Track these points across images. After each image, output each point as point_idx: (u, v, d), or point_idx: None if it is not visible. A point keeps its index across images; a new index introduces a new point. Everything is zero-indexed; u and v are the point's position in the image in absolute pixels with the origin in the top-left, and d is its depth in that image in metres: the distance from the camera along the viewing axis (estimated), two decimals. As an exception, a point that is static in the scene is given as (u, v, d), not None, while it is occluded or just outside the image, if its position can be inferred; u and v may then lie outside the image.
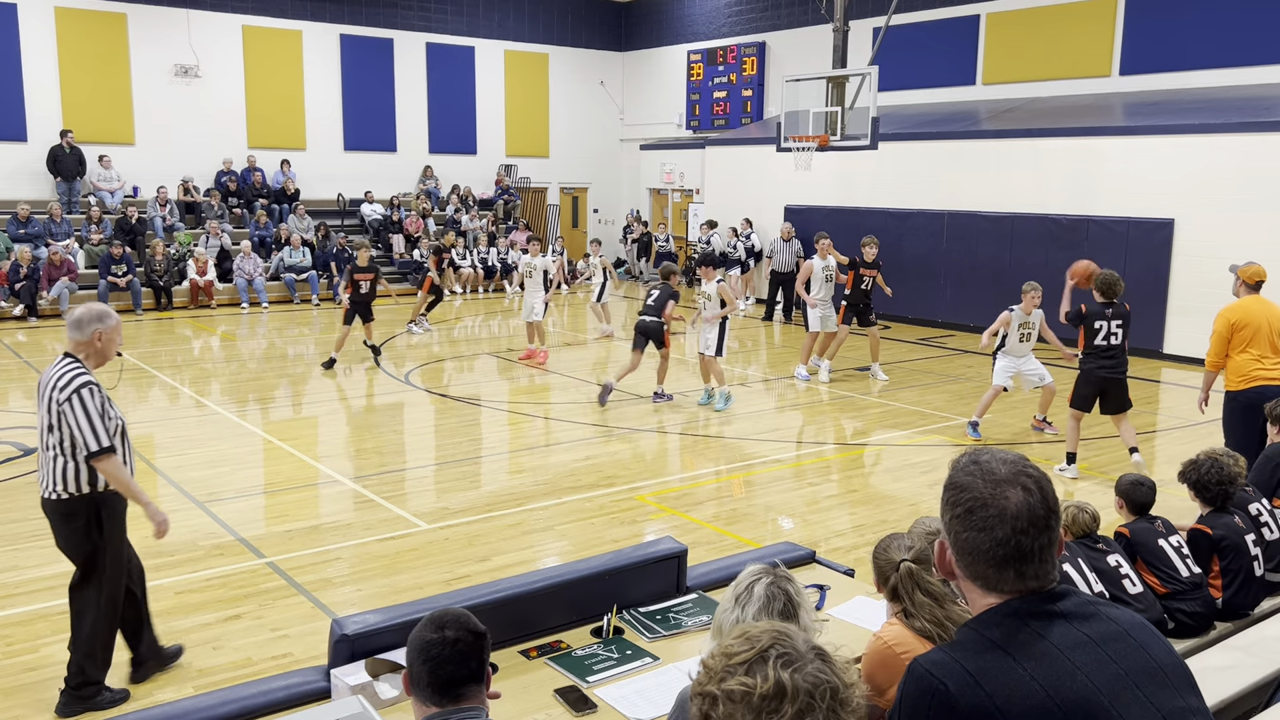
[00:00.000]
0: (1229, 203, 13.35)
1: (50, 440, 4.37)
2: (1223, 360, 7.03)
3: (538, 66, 24.71)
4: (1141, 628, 1.78)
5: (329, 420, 10.29)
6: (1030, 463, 1.81)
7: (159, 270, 17.85)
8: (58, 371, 4.37)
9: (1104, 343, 8.17)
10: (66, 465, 4.38)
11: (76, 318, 4.45)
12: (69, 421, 4.31)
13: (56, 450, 4.37)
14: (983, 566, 1.75)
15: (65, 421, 4.32)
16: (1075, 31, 16.53)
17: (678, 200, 24.25)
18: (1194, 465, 4.76)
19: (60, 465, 4.37)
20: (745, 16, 22.63)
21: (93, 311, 4.48)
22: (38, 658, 5.05)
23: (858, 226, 17.88)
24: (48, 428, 4.37)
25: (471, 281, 21.14)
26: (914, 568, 2.76)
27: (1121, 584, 4.20)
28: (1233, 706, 3.46)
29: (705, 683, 1.57)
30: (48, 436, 4.38)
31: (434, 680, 2.28)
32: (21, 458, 8.64)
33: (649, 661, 3.47)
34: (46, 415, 4.36)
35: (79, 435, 4.31)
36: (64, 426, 4.33)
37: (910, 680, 1.73)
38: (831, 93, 14.87)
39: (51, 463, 4.39)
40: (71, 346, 4.45)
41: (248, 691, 3.31)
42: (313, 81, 21.64)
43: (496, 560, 6.43)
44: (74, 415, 4.30)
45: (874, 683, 2.67)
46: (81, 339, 4.43)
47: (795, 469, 8.69)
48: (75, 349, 4.44)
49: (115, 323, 4.54)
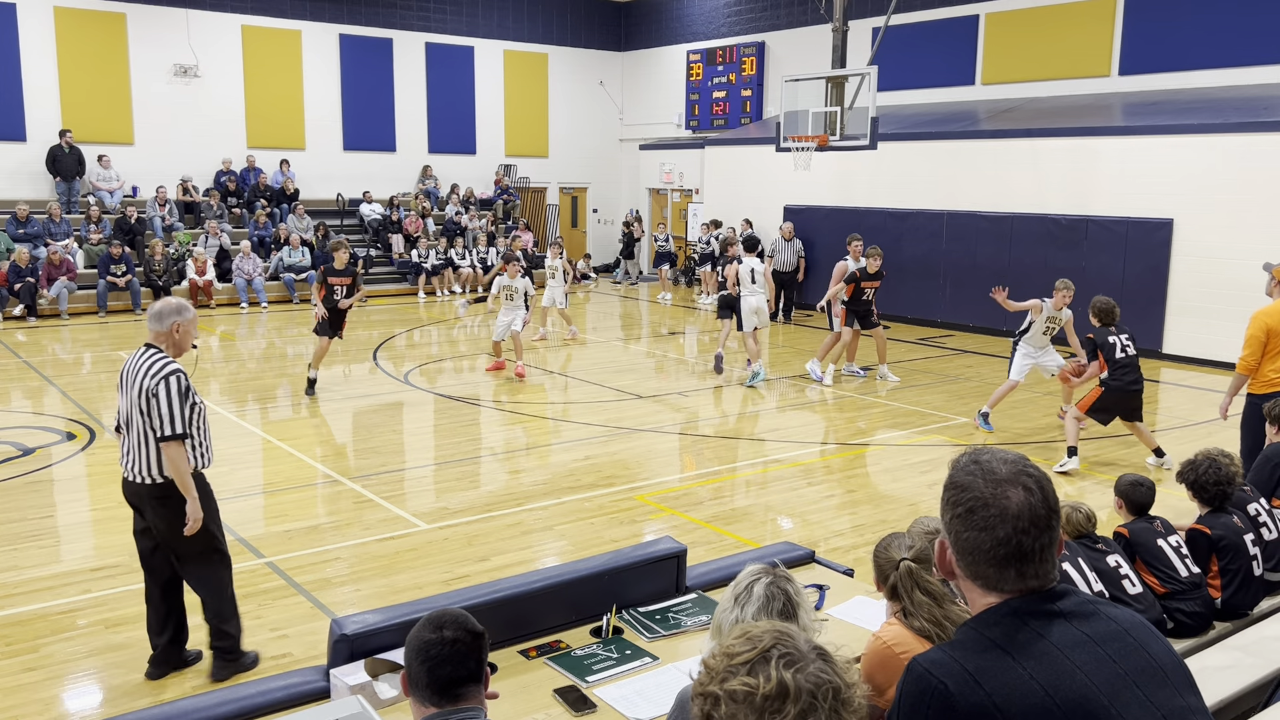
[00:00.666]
0: (1228, 203, 13.35)
1: (141, 425, 4.59)
2: (1257, 363, 6.85)
3: (537, 66, 24.71)
4: (1141, 627, 1.78)
5: (329, 420, 10.29)
6: (1031, 462, 1.81)
7: (158, 270, 17.85)
8: (146, 360, 4.62)
9: (1123, 355, 8.25)
10: (151, 451, 4.63)
11: (157, 310, 4.69)
12: (155, 406, 4.55)
13: (147, 436, 4.60)
14: (983, 566, 1.75)
15: (152, 406, 4.56)
16: (1074, 31, 16.53)
17: (677, 200, 24.25)
18: (1192, 466, 4.76)
19: (155, 450, 4.61)
20: (744, 16, 22.64)
21: (171, 305, 4.73)
22: (38, 658, 5.05)
23: (857, 226, 17.87)
24: (139, 414, 4.58)
25: (471, 281, 21.14)
26: (914, 566, 2.77)
27: (1121, 584, 4.20)
28: (1232, 706, 3.46)
29: (707, 683, 1.57)
30: (139, 422, 4.59)
31: (433, 680, 2.28)
32: (21, 457, 8.64)
33: (648, 661, 3.48)
34: (138, 401, 4.57)
35: (159, 419, 4.54)
36: (152, 411, 4.57)
37: (909, 679, 1.73)
38: (831, 93, 14.88)
39: (143, 448, 4.61)
40: (152, 337, 4.69)
41: (247, 691, 3.31)
42: (312, 81, 21.63)
43: (496, 560, 6.43)
44: (160, 400, 4.55)
45: (873, 682, 2.67)
46: (161, 330, 4.67)
47: (795, 469, 8.69)
48: (155, 339, 4.69)
49: (192, 316, 4.81)
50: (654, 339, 15.96)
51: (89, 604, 5.70)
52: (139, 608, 5.32)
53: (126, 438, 4.69)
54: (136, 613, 5.24)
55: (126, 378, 4.67)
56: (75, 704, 4.68)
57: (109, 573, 6.12)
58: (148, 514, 4.72)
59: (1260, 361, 6.88)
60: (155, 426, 4.57)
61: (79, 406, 10.46)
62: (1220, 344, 13.43)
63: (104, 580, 6.02)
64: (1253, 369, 6.91)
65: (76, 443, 9.11)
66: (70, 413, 10.22)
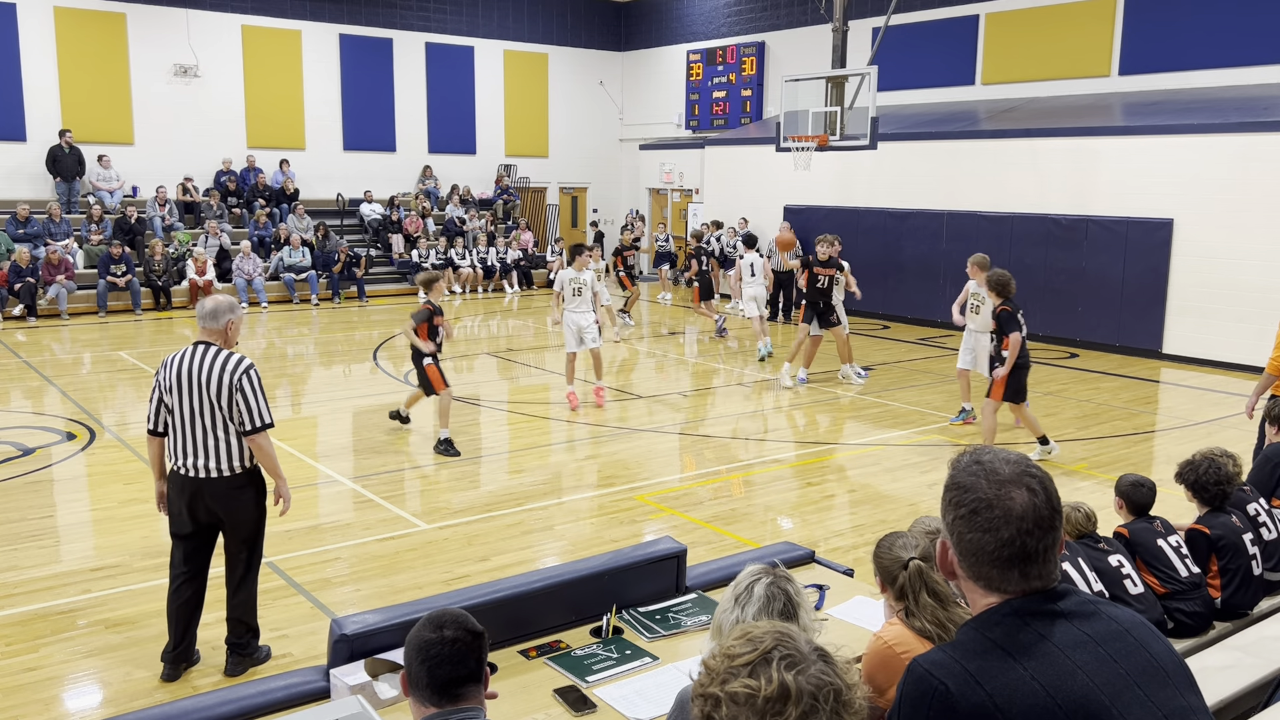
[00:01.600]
0: (1228, 202, 13.35)
1: (217, 421, 4.68)
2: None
3: (537, 66, 24.71)
4: (1142, 627, 1.77)
5: (329, 420, 10.29)
6: (1033, 462, 1.80)
7: (158, 270, 17.84)
8: (213, 356, 4.69)
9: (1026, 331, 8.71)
10: (239, 441, 4.74)
11: (211, 309, 4.78)
12: (239, 400, 4.67)
13: (225, 430, 4.70)
14: (987, 567, 1.74)
15: (235, 401, 4.67)
16: (1074, 31, 16.53)
17: (677, 200, 24.25)
18: (1191, 466, 4.75)
19: (235, 442, 4.73)
20: (744, 16, 22.63)
21: (224, 303, 4.82)
22: (37, 658, 5.04)
23: (857, 226, 17.90)
24: (214, 409, 4.66)
25: (471, 281, 21.14)
26: (923, 566, 2.76)
27: (1123, 584, 4.19)
28: (1232, 706, 3.45)
29: (708, 684, 1.56)
30: (209, 418, 4.67)
31: (432, 680, 2.28)
32: (21, 457, 8.64)
33: (648, 661, 3.47)
34: (214, 397, 4.65)
35: (248, 411, 4.68)
36: (234, 406, 4.67)
37: (910, 680, 1.72)
38: (831, 93, 14.88)
39: (216, 442, 4.70)
40: (205, 335, 4.77)
41: (247, 691, 3.31)
42: (312, 81, 21.63)
43: (496, 560, 6.43)
44: (247, 393, 4.68)
45: (874, 683, 2.67)
46: (217, 328, 4.77)
47: (795, 469, 8.69)
48: (210, 336, 4.77)
49: (243, 313, 5.03)
50: (654, 339, 15.96)
51: (89, 604, 5.70)
52: (139, 608, 5.33)
53: (184, 435, 4.71)
54: (137, 613, 5.25)
55: (186, 376, 4.68)
56: (75, 704, 4.68)
57: (109, 573, 6.12)
58: (218, 507, 4.77)
59: None
60: (241, 419, 4.68)
61: (79, 406, 10.46)
62: (1220, 344, 13.44)
63: (104, 580, 6.01)
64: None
65: (76, 443, 9.11)
66: (70, 413, 10.22)
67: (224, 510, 4.80)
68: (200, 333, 4.81)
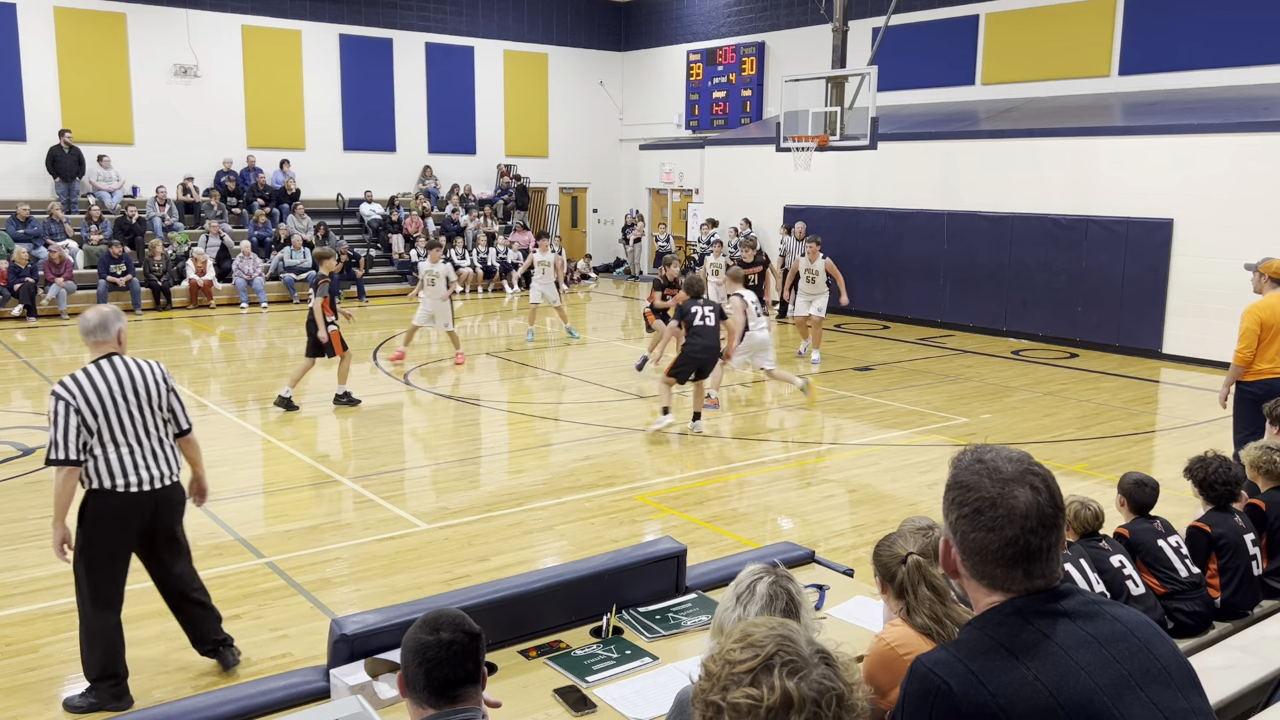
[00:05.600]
0: (1228, 203, 13.35)
1: (165, 428, 4.66)
2: (1253, 355, 7.08)
3: (537, 66, 24.71)
4: (1145, 627, 1.77)
5: (329, 420, 10.29)
6: (1035, 460, 1.79)
7: (158, 270, 17.84)
8: (140, 364, 4.61)
9: (700, 324, 9.33)
10: (176, 450, 4.73)
11: (99, 321, 4.57)
12: (174, 402, 4.69)
13: (169, 436, 4.69)
14: (990, 566, 1.74)
15: (171, 404, 4.67)
16: (1074, 31, 16.53)
17: (677, 200, 24.26)
18: (1202, 463, 4.71)
19: (175, 452, 4.73)
20: (744, 16, 22.63)
21: (109, 313, 4.65)
22: (37, 658, 5.04)
23: (857, 226, 17.91)
24: (158, 418, 4.62)
25: (471, 281, 21.15)
26: (921, 560, 2.77)
27: (1125, 585, 4.19)
28: (1232, 706, 3.45)
29: (709, 690, 1.55)
30: (156, 428, 4.62)
31: (430, 682, 2.28)
32: (21, 457, 8.64)
33: (648, 661, 3.47)
34: (158, 406, 4.61)
35: (181, 412, 4.72)
36: (171, 408, 4.67)
37: (913, 679, 1.72)
38: (831, 93, 14.87)
39: (164, 451, 4.65)
40: (102, 348, 4.57)
41: (247, 691, 3.31)
42: (312, 81, 21.63)
43: (496, 560, 6.42)
44: (176, 393, 4.70)
45: (876, 684, 2.66)
46: (109, 338, 4.62)
47: (795, 469, 8.68)
48: (108, 349, 4.59)
49: (125, 318, 4.79)
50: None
51: (89, 604, 5.68)
52: (139, 608, 5.32)
53: (139, 451, 4.53)
54: (137, 613, 5.24)
55: (121, 390, 4.48)
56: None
57: (109, 573, 6.11)
58: (169, 514, 4.69)
59: (1254, 353, 7.10)
60: (177, 420, 4.69)
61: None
62: (1220, 344, 13.41)
63: (104, 580, 6.00)
64: (1248, 361, 7.13)
65: (76, 443, 9.10)
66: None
67: (172, 515, 4.72)
68: (94, 347, 4.56)
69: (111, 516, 4.52)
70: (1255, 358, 7.07)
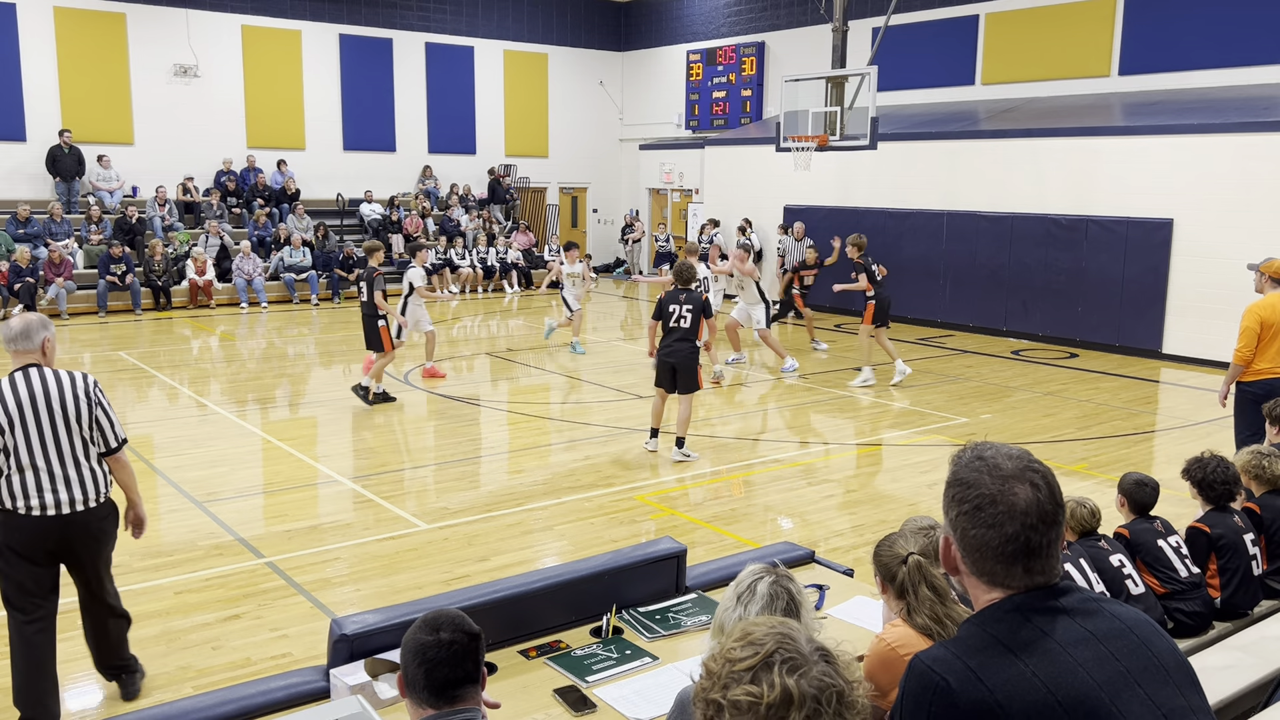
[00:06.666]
0: (1228, 202, 13.35)
1: (77, 447, 4.25)
2: (1253, 355, 7.10)
3: (537, 66, 24.71)
4: (1144, 625, 1.77)
5: (329, 420, 10.29)
6: (1035, 457, 1.80)
7: (158, 270, 17.84)
8: (59, 377, 4.24)
9: (674, 325, 8.75)
10: (101, 465, 4.35)
11: (21, 329, 4.25)
12: (100, 418, 4.29)
13: (91, 456, 4.30)
14: (990, 563, 1.74)
15: (95, 419, 4.28)
16: (1074, 31, 16.53)
17: (677, 200, 24.26)
18: (1200, 463, 4.71)
19: (98, 467, 4.33)
20: (744, 16, 22.63)
21: (34, 321, 4.32)
22: (37, 658, 5.04)
23: (857, 226, 17.88)
24: (74, 433, 4.23)
25: (470, 281, 21.15)
26: (922, 560, 2.77)
27: (1124, 584, 4.19)
28: (1232, 706, 3.45)
29: (709, 689, 1.55)
30: (77, 444, 4.24)
31: (430, 682, 2.28)
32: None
33: (648, 661, 3.47)
34: (74, 422, 4.22)
35: (108, 429, 4.31)
36: (94, 426, 4.28)
37: (912, 676, 1.72)
38: (831, 93, 14.87)
39: (81, 470, 4.25)
40: (22, 358, 4.26)
41: (247, 691, 3.31)
42: (312, 81, 21.63)
43: (496, 560, 6.42)
44: (106, 409, 4.32)
45: (876, 683, 2.67)
46: (32, 348, 4.27)
47: (795, 469, 8.68)
48: (28, 359, 4.27)
49: (54, 329, 4.44)
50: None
51: (89, 604, 5.68)
52: (139, 608, 5.32)
53: (44, 470, 4.16)
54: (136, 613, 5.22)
55: (31, 403, 4.15)
56: (75, 704, 4.67)
57: (109, 573, 6.11)
58: (83, 543, 4.29)
59: (1253, 352, 7.12)
60: (104, 438, 4.30)
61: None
62: (1220, 344, 13.42)
63: (104, 580, 6.01)
64: (1248, 360, 7.14)
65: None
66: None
67: (88, 545, 4.31)
68: (15, 356, 4.25)
69: (18, 541, 4.19)
70: (1255, 357, 7.09)
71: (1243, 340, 7.12)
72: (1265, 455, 4.93)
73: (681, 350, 8.68)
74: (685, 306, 8.73)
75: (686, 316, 8.72)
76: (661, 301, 8.83)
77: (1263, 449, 5.03)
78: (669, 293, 8.89)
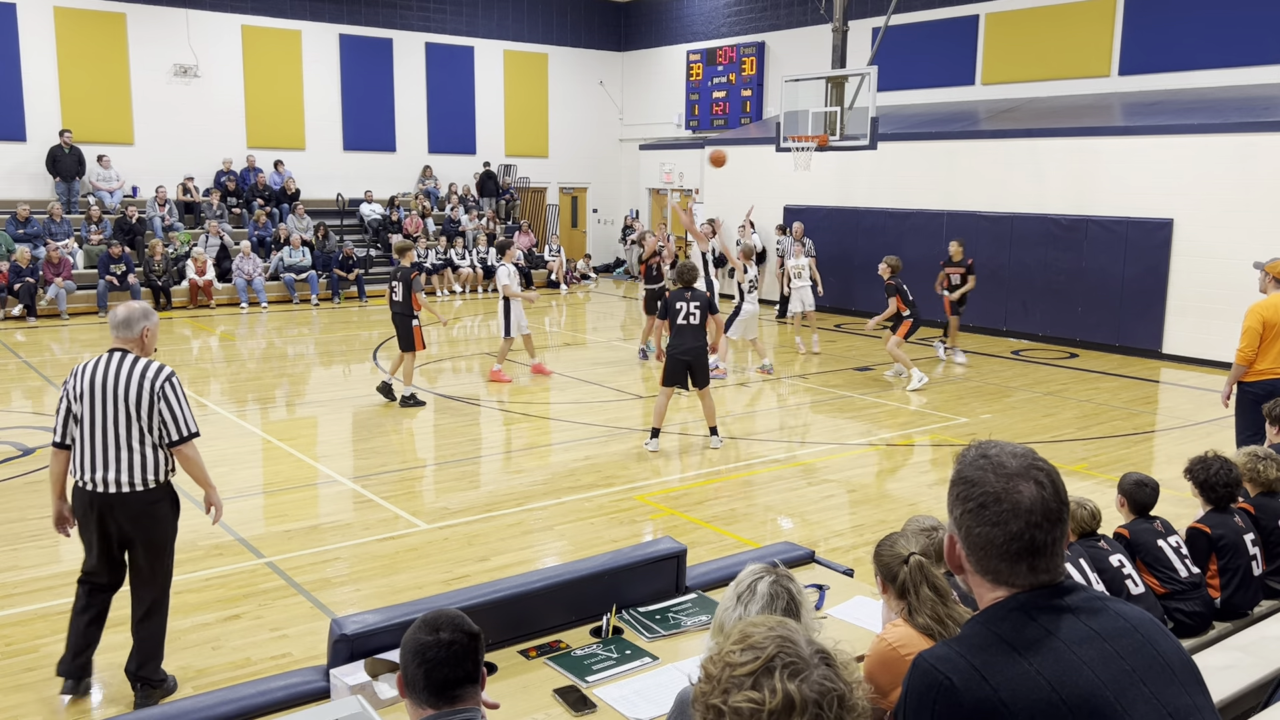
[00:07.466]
0: (1228, 203, 13.35)
1: (132, 432, 4.46)
2: (1255, 354, 7.09)
3: (537, 66, 24.71)
4: (1149, 624, 1.77)
5: (329, 420, 10.29)
6: (1039, 455, 1.80)
7: (158, 270, 17.84)
8: (130, 364, 4.48)
9: (684, 322, 8.93)
10: (156, 453, 4.52)
11: (124, 317, 4.56)
12: (162, 410, 4.48)
13: (141, 442, 4.48)
14: (995, 561, 1.74)
15: (158, 411, 4.47)
16: (1074, 31, 16.53)
17: (677, 200, 24.24)
18: (1203, 463, 4.70)
19: (151, 455, 4.50)
20: (744, 16, 22.63)
21: (137, 310, 4.61)
22: (37, 657, 5.04)
23: (857, 226, 17.91)
24: (131, 420, 4.45)
25: (471, 281, 21.14)
26: (924, 561, 2.77)
27: (1124, 584, 4.19)
28: (1232, 706, 3.45)
29: (709, 693, 1.54)
30: (129, 429, 4.45)
31: (430, 682, 2.27)
32: (21, 457, 8.63)
33: (648, 661, 3.47)
34: (133, 409, 4.44)
35: (173, 420, 4.50)
36: (156, 416, 4.48)
37: (915, 675, 1.71)
38: (831, 93, 14.87)
39: (130, 454, 4.47)
40: (120, 343, 4.57)
41: (247, 691, 3.31)
42: (312, 81, 21.63)
43: (496, 560, 6.42)
44: (171, 401, 4.49)
45: (877, 684, 2.66)
46: (132, 336, 4.57)
47: (795, 469, 8.68)
48: (125, 345, 4.57)
49: (157, 320, 4.74)
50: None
51: (89, 604, 5.68)
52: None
53: (93, 447, 4.45)
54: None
55: (100, 384, 4.45)
56: (75, 704, 4.67)
57: (109, 573, 6.11)
58: (129, 525, 4.52)
59: (1255, 352, 7.11)
60: (166, 430, 4.49)
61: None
62: (1220, 344, 13.42)
63: (104, 580, 6.00)
64: (1250, 360, 7.14)
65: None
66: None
67: (134, 528, 4.53)
68: (115, 341, 4.58)
69: (79, 511, 4.59)
70: (1257, 358, 7.08)
71: (1245, 340, 7.11)
72: (1260, 458, 4.92)
73: (696, 348, 8.97)
74: (693, 304, 8.95)
75: (695, 314, 8.95)
76: (668, 301, 9.04)
77: (1259, 451, 5.02)
78: (675, 292, 9.07)
